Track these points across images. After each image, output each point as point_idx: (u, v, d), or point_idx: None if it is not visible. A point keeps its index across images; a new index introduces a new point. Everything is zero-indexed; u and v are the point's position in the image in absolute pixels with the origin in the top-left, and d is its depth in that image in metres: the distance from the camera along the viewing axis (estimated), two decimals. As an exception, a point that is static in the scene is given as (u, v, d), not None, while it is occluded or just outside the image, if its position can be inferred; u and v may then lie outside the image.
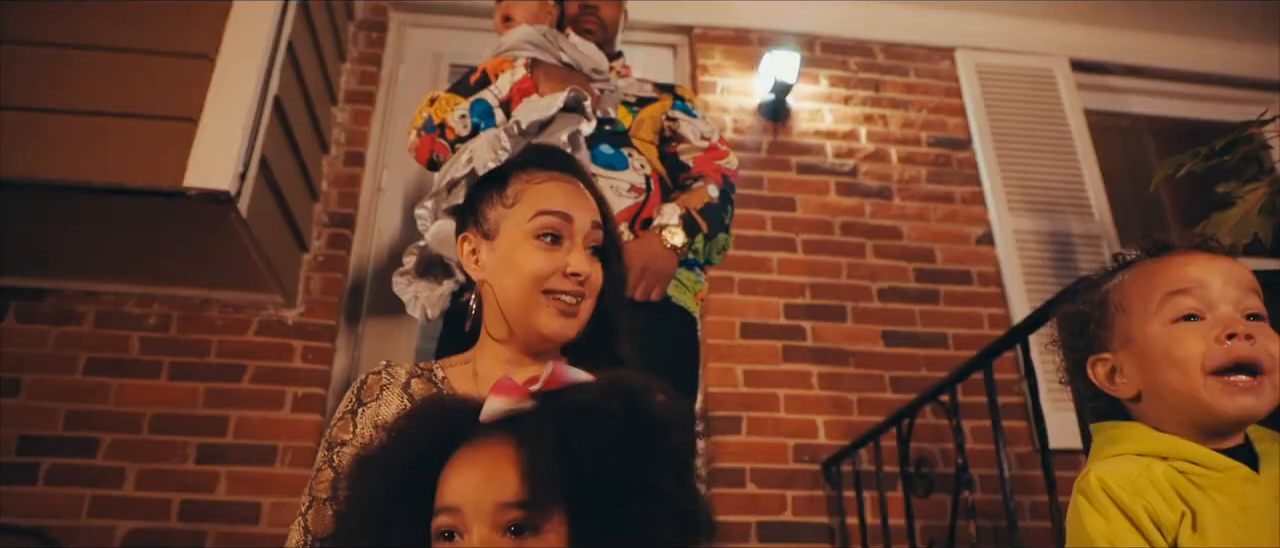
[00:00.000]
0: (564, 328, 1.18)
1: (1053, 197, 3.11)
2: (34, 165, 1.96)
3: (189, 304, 2.55)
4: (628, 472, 0.76)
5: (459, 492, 0.78)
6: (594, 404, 0.78)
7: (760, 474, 2.54)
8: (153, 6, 2.14)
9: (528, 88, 1.85)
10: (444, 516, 0.79)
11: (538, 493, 0.75)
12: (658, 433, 0.78)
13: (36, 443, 2.35)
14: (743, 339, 2.73)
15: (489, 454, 0.79)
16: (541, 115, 1.77)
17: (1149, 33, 3.52)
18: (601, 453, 0.75)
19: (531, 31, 1.98)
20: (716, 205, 1.84)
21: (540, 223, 1.19)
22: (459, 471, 0.80)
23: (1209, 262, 0.99)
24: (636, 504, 0.75)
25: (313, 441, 2.43)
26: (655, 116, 1.96)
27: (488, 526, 0.76)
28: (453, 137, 1.84)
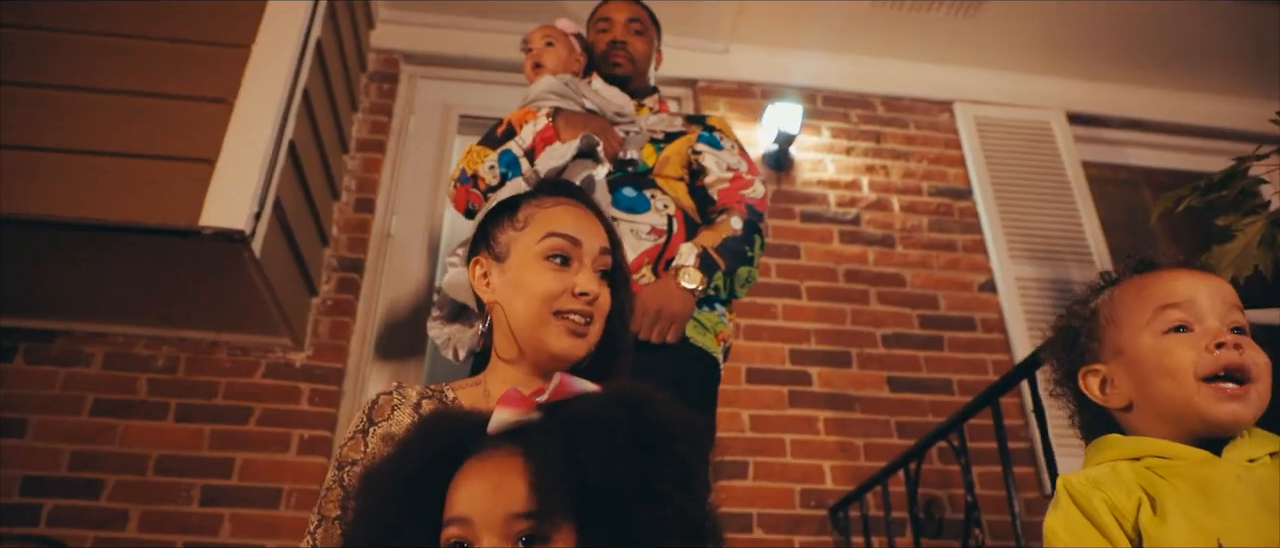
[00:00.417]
0: (573, 347, 1.19)
1: (1053, 245, 3.14)
2: (53, 204, 2.00)
3: (197, 346, 2.56)
4: (634, 480, 0.76)
5: (468, 503, 0.79)
6: (599, 414, 0.79)
7: (767, 520, 2.52)
8: (174, 50, 2.21)
9: (550, 136, 1.89)
10: (454, 527, 0.79)
11: (546, 503, 0.76)
12: (663, 441, 0.79)
13: (40, 484, 2.34)
14: (749, 384, 2.74)
15: (497, 466, 0.80)
16: (556, 163, 1.81)
17: (1143, 87, 3.61)
18: (608, 462, 0.76)
19: (554, 82, 2.03)
20: (739, 237, 1.82)
21: (549, 245, 1.21)
22: (468, 482, 0.81)
23: (1195, 278, 1.04)
24: (643, 512, 0.76)
25: (318, 484, 2.42)
26: (681, 152, 1.96)
27: (498, 536, 0.77)
28: (484, 186, 1.88)
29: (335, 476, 1.19)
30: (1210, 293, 1.02)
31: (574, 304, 1.19)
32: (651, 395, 0.82)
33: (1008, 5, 3.27)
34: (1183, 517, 0.91)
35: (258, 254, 2.10)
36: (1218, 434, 0.98)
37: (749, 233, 1.85)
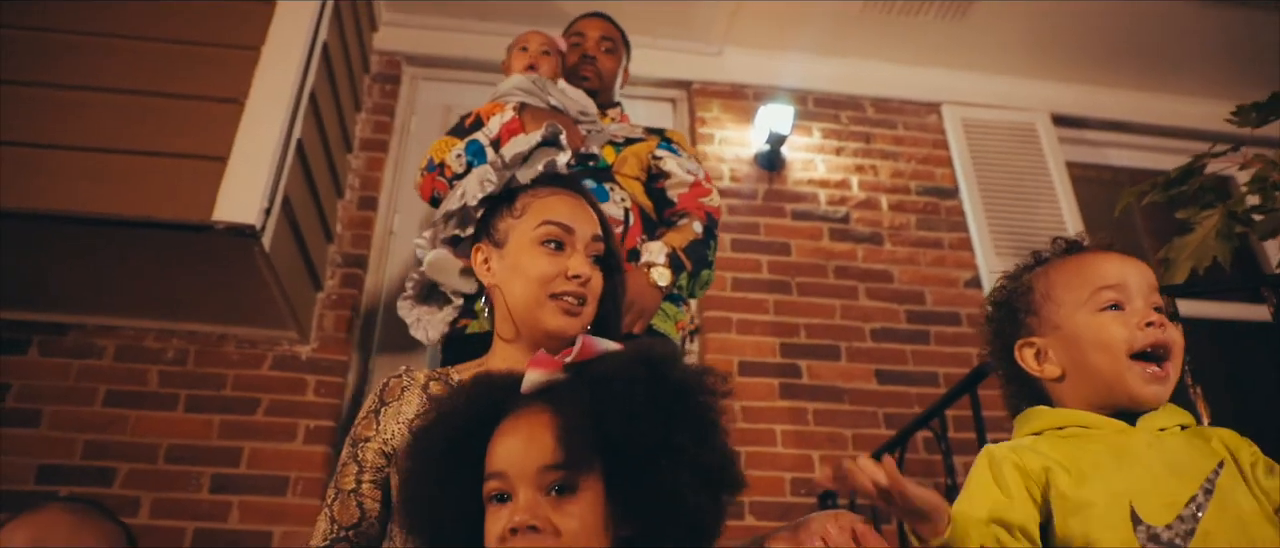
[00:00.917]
0: (567, 325, 1.28)
1: (1037, 242, 3.17)
2: (70, 199, 2.07)
3: (206, 339, 2.64)
4: (652, 433, 0.85)
5: (505, 458, 0.88)
6: (620, 372, 0.88)
7: (759, 507, 2.61)
8: (187, 52, 2.29)
9: (516, 128, 2.00)
10: (494, 480, 0.88)
11: (572, 455, 0.84)
12: (679, 396, 0.88)
13: (55, 472, 2.42)
14: (741, 377, 2.82)
15: (529, 422, 0.89)
16: (522, 149, 1.91)
17: (1126, 90, 3.70)
18: (628, 416, 0.85)
19: (522, 79, 2.14)
20: (700, 242, 1.96)
21: (544, 231, 1.30)
22: (504, 439, 0.89)
23: (1125, 261, 1.13)
24: (661, 462, 0.84)
25: (324, 472, 2.50)
26: (640, 154, 2.09)
27: (532, 488, 0.85)
28: (450, 174, 1.98)
29: (350, 452, 1.28)
30: (1138, 276, 1.11)
31: (568, 286, 1.28)
32: (670, 354, 0.91)
33: (994, 9, 3.36)
34: (1099, 478, 1.00)
35: (267, 249, 2.18)
36: (1139, 409, 1.08)
37: (708, 238, 1.99)
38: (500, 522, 0.85)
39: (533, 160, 1.88)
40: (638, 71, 3.44)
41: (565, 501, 0.84)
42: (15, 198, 2.06)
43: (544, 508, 0.83)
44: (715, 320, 2.91)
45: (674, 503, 0.83)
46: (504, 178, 1.87)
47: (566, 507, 0.84)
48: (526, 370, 0.92)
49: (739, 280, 3.00)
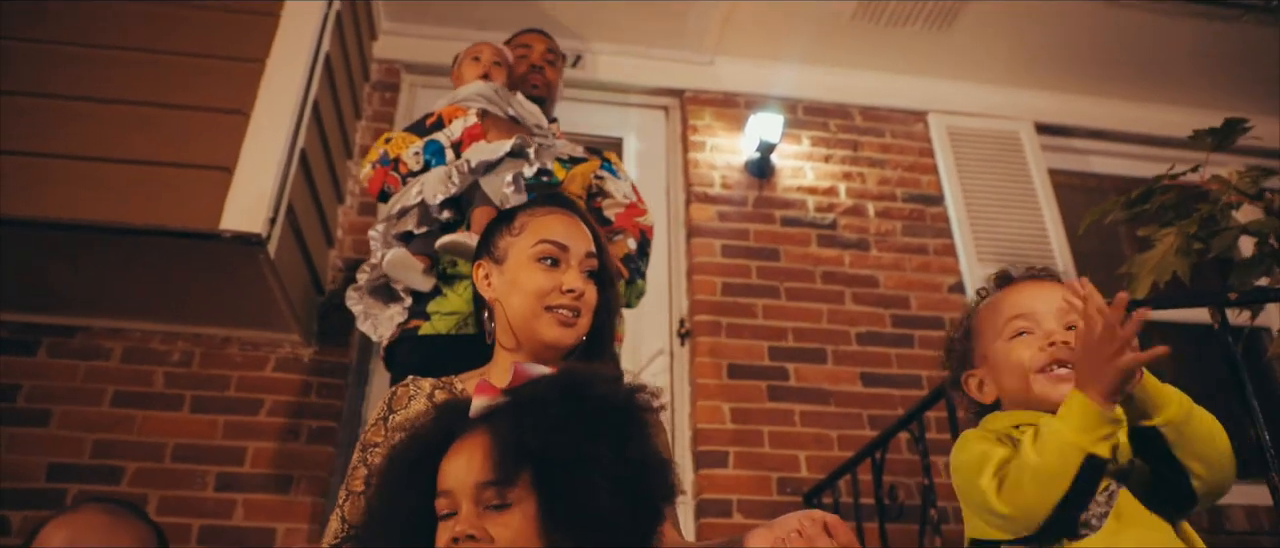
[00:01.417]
0: (563, 336, 1.36)
1: (1019, 248, 3.32)
2: (82, 208, 2.15)
3: (211, 342, 2.72)
4: (568, 447, 0.92)
5: (450, 477, 0.97)
6: (537, 394, 0.96)
7: (746, 505, 2.70)
8: (195, 64, 2.37)
9: (478, 133, 2.09)
10: (442, 499, 0.97)
11: (501, 472, 0.93)
12: (597, 412, 0.96)
13: (65, 470, 2.49)
14: (730, 380, 2.91)
15: (470, 444, 0.97)
16: (490, 157, 1.99)
17: (1108, 99, 3.80)
18: (544, 434, 0.93)
19: (484, 87, 2.24)
20: (634, 256, 2.10)
21: (541, 249, 1.39)
22: (451, 460, 0.98)
23: (1036, 289, 1.26)
24: (576, 475, 0.91)
25: (326, 471, 2.58)
26: (584, 174, 2.20)
27: (471, 504, 0.94)
28: (405, 171, 2.07)
29: (359, 457, 1.36)
30: (1045, 302, 1.23)
31: (563, 299, 1.36)
32: (592, 375, 0.99)
33: (980, 21, 3.45)
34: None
35: (272, 256, 2.26)
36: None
37: (641, 253, 2.13)
38: (446, 535, 0.93)
39: (500, 170, 1.97)
40: (632, 79, 3.54)
41: (500, 513, 0.92)
42: (27, 205, 2.14)
43: (481, 521, 0.92)
44: (706, 324, 3.00)
45: (594, 511, 0.90)
46: (467, 181, 1.96)
47: (501, 519, 0.92)
48: (473, 398, 1.00)
49: (729, 285, 3.09)
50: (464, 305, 1.92)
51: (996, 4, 3.37)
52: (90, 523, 1.28)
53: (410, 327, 1.98)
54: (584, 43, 3.50)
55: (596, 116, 3.49)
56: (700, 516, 2.68)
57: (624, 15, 3.42)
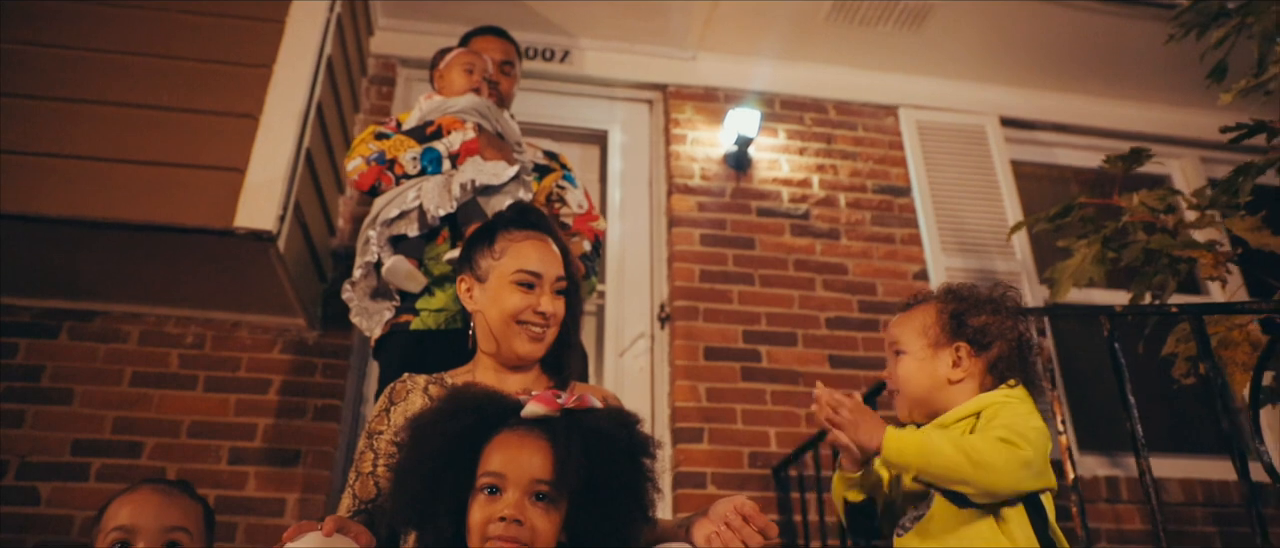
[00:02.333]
0: (534, 350, 1.59)
1: (981, 238, 3.53)
2: (104, 206, 2.33)
3: (222, 326, 2.91)
4: (622, 478, 1.18)
5: (504, 463, 1.17)
6: (609, 430, 1.18)
7: (719, 478, 2.92)
8: (209, 70, 2.54)
9: (474, 148, 2.27)
10: (489, 477, 1.18)
11: (562, 479, 1.16)
12: (641, 454, 1.19)
13: (88, 446, 2.69)
14: (706, 361, 3.12)
15: (530, 443, 1.18)
16: (494, 180, 2.18)
17: (1070, 94, 3.99)
18: (607, 463, 1.17)
19: (479, 102, 2.39)
20: (589, 256, 2.34)
21: (518, 276, 1.59)
22: (504, 448, 1.19)
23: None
24: (620, 498, 1.18)
25: (331, 445, 2.79)
26: (547, 186, 2.45)
27: (521, 492, 1.15)
28: (401, 172, 2.25)
29: (366, 443, 1.56)
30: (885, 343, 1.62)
31: (534, 318, 1.57)
32: (637, 420, 1.23)
33: (949, 20, 3.63)
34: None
35: (282, 250, 2.45)
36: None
37: (594, 254, 2.38)
38: (488, 510, 1.14)
39: (502, 194, 2.17)
40: (618, 74, 3.71)
41: (544, 507, 1.14)
42: (55, 204, 2.32)
43: (528, 510, 1.13)
44: (684, 309, 3.20)
45: (612, 527, 1.17)
46: (468, 198, 2.15)
47: (542, 512, 1.14)
48: (530, 403, 1.21)
49: (707, 273, 3.29)
50: (451, 303, 2.12)
51: (965, 4, 3.54)
52: (147, 500, 1.48)
53: (401, 321, 2.17)
54: (571, 38, 3.67)
55: (583, 110, 3.66)
56: (676, 487, 2.90)
57: (610, 12, 3.58)
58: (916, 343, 1.53)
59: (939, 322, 1.53)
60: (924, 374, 1.50)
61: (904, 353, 1.53)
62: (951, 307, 1.54)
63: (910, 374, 1.52)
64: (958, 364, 1.50)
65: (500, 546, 1.12)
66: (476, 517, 1.15)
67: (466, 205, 2.18)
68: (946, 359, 1.51)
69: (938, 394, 1.50)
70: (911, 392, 1.51)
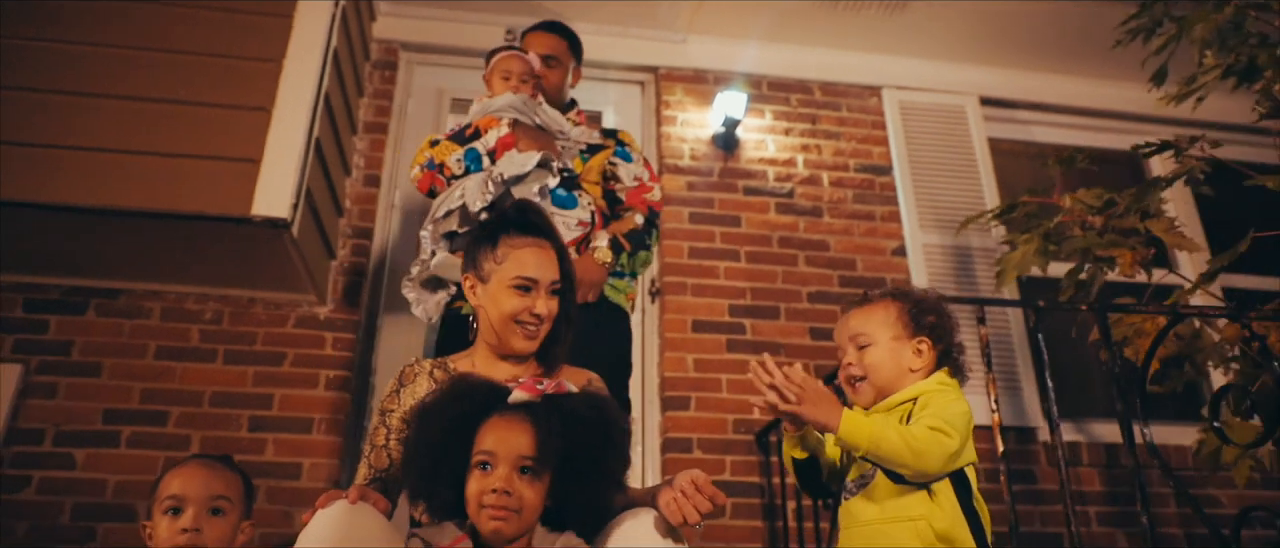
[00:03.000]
0: (528, 346, 1.77)
1: (958, 215, 3.68)
2: (128, 197, 2.51)
3: (238, 302, 3.10)
4: (595, 454, 1.39)
5: (495, 443, 1.37)
6: (582, 412, 1.38)
7: (705, 443, 3.13)
8: (223, 64, 2.69)
9: (509, 142, 2.44)
10: (483, 455, 1.37)
11: (544, 455, 1.35)
12: (610, 432, 1.39)
13: (118, 415, 2.90)
14: (693, 333, 3.32)
15: (516, 425, 1.38)
16: (519, 170, 2.35)
17: (1048, 74, 4.13)
18: (583, 441, 1.37)
19: (515, 99, 2.55)
20: (640, 231, 2.50)
21: (516, 281, 1.76)
22: (496, 429, 1.39)
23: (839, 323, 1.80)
24: (595, 469, 1.39)
25: (342, 413, 3.00)
26: (600, 163, 2.58)
27: (509, 467, 1.35)
28: (449, 174, 2.44)
29: (380, 419, 1.75)
30: (841, 330, 1.79)
31: (530, 319, 1.75)
32: (610, 401, 1.42)
33: (931, 2, 3.76)
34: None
35: (295, 235, 2.63)
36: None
37: (648, 227, 2.53)
38: (483, 483, 1.34)
39: (528, 181, 2.34)
40: (611, 57, 3.85)
41: (530, 479, 1.34)
42: (83, 196, 2.49)
43: (515, 482, 1.33)
44: (674, 284, 3.39)
45: (591, 487, 1.39)
46: (500, 190, 2.33)
47: (528, 482, 1.34)
48: (515, 390, 1.40)
49: (695, 249, 3.47)
50: None
51: (946, -13, 3.68)
52: (195, 472, 1.68)
53: (455, 306, 2.37)
54: (567, 22, 3.79)
55: (577, 92, 3.79)
56: (665, 452, 3.12)
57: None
58: (883, 335, 1.68)
59: (902, 317, 1.69)
60: (891, 364, 1.67)
61: (871, 344, 1.69)
62: (911, 305, 1.70)
63: (880, 363, 1.68)
64: (919, 355, 1.68)
65: (493, 513, 1.32)
66: (473, 489, 1.35)
67: (502, 196, 2.35)
68: (909, 351, 1.68)
69: (900, 382, 1.68)
70: (878, 379, 1.68)
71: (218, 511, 1.67)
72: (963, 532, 1.53)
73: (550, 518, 1.42)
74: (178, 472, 1.69)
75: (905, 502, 1.55)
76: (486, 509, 1.34)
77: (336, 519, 1.33)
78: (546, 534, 1.40)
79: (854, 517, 1.63)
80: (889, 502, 1.57)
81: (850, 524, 1.64)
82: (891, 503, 1.57)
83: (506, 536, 1.35)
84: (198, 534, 1.62)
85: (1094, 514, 3.26)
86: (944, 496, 1.55)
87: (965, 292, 3.48)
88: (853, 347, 1.71)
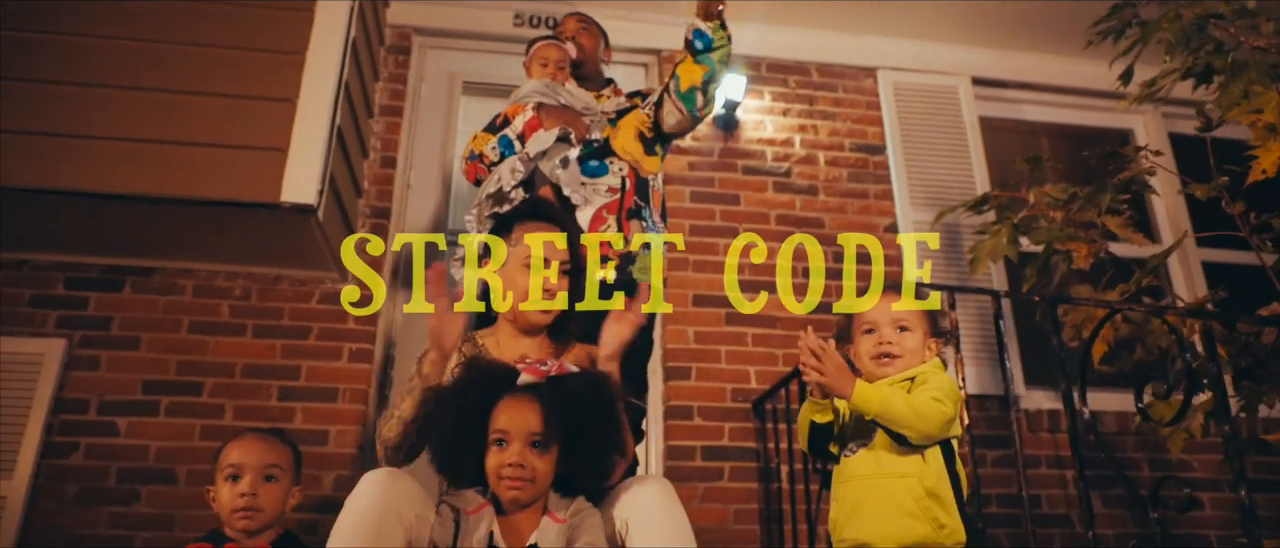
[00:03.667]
0: (542, 320, 1.93)
1: (948, 193, 3.86)
2: (168, 184, 2.69)
3: (265, 279, 3.29)
4: (592, 426, 1.58)
5: (508, 422, 1.57)
6: (581, 390, 1.57)
7: (705, 410, 3.34)
8: (249, 57, 2.85)
9: (536, 125, 2.60)
10: (498, 433, 1.57)
11: (550, 431, 1.55)
12: (606, 406, 1.58)
13: (156, 386, 3.11)
14: (694, 307, 3.51)
15: (525, 405, 1.57)
16: (542, 146, 2.52)
17: (1038, 54, 4.26)
18: (583, 416, 1.56)
19: (538, 84, 2.70)
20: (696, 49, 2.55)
21: (529, 260, 1.91)
22: (508, 410, 1.58)
23: (878, 301, 1.90)
24: (596, 440, 1.59)
25: (365, 384, 3.20)
26: (631, 122, 2.64)
27: (522, 443, 1.55)
28: (488, 162, 2.60)
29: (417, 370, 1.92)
30: (882, 311, 1.90)
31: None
32: (604, 378, 1.61)
33: (925, -15, 3.89)
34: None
35: (321, 219, 2.81)
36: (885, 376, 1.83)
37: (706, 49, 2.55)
38: (499, 458, 1.54)
39: (551, 154, 2.50)
40: (616, 41, 3.97)
41: (540, 452, 1.54)
42: (120, 183, 2.67)
43: (528, 455, 1.53)
44: (676, 260, 3.57)
45: (594, 457, 1.59)
46: (530, 167, 2.50)
47: (539, 455, 1.54)
48: (523, 373, 1.59)
49: (696, 227, 3.65)
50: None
51: (940, -29, 3.80)
52: (251, 444, 1.89)
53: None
54: (572, 7, 3.93)
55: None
56: (667, 418, 3.32)
57: (608, -18, 3.85)
58: (920, 328, 1.94)
59: (929, 320, 1.96)
60: (917, 352, 1.92)
61: (910, 331, 1.92)
62: (935, 312, 1.99)
63: (914, 349, 1.92)
64: (930, 351, 1.95)
65: (510, 484, 1.53)
66: (491, 463, 1.55)
67: (537, 177, 2.51)
68: (926, 345, 1.94)
69: (912, 366, 1.93)
70: (908, 362, 1.91)
71: (271, 477, 1.88)
72: (946, 489, 1.78)
73: (562, 485, 1.61)
74: (236, 443, 1.90)
75: (900, 461, 1.79)
76: (505, 480, 1.54)
77: (380, 484, 1.53)
78: (559, 500, 1.60)
79: (853, 471, 1.87)
80: (886, 459, 1.81)
81: (848, 478, 1.87)
82: (888, 460, 1.81)
83: (523, 502, 1.55)
84: (254, 498, 1.83)
85: (1070, 477, 3.47)
86: (933, 458, 1.79)
87: (953, 267, 3.65)
88: (893, 328, 1.90)
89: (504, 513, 1.57)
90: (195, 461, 3.03)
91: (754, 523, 3.23)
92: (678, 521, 1.59)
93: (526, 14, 3.92)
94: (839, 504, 1.88)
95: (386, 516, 1.48)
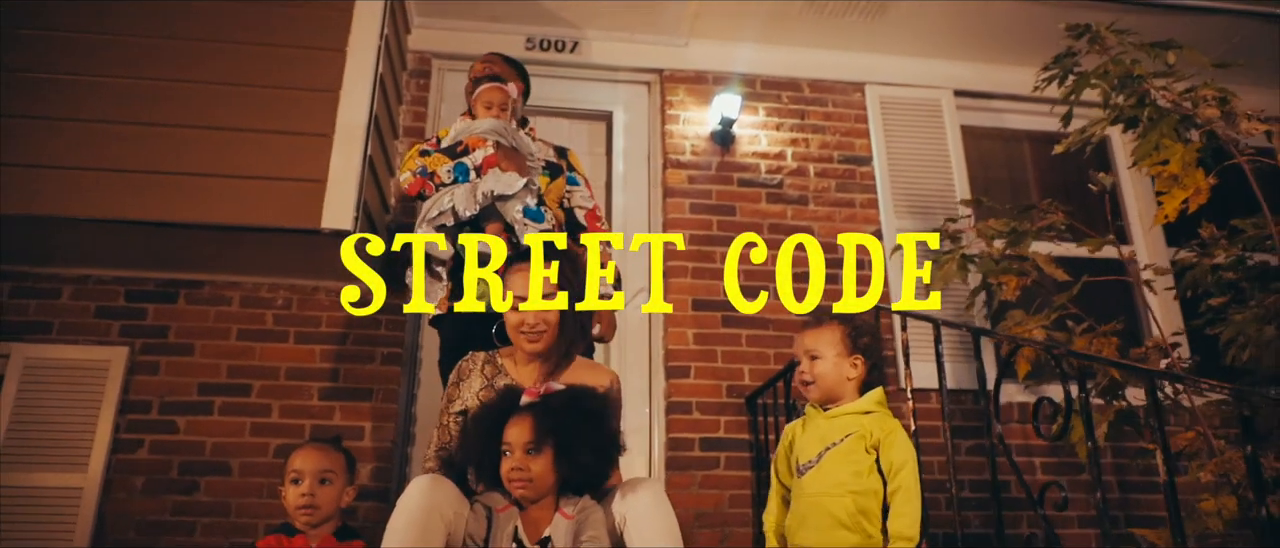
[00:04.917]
0: (535, 347, 2.23)
1: (929, 202, 4.16)
2: (221, 213, 3.03)
3: (304, 290, 3.64)
4: (579, 433, 1.92)
5: (511, 436, 1.92)
6: (563, 405, 1.91)
7: (702, 405, 3.68)
8: (289, 95, 3.18)
9: (493, 161, 2.87)
10: (505, 445, 1.92)
11: (539, 438, 1.89)
12: (592, 417, 1.92)
13: (210, 388, 3.47)
14: (693, 311, 3.83)
15: (522, 421, 1.92)
16: (507, 190, 2.82)
17: (1018, 67, 4.50)
18: (567, 425, 1.89)
19: (497, 124, 2.96)
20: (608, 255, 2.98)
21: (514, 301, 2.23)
22: (512, 426, 1.93)
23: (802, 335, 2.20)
24: (582, 446, 1.91)
25: (396, 384, 3.56)
26: (556, 190, 3.00)
27: (521, 450, 1.89)
28: (438, 182, 2.85)
29: (445, 404, 2.28)
30: (797, 345, 2.23)
31: (527, 328, 2.21)
32: (589, 392, 1.95)
33: (909, 6, 4.15)
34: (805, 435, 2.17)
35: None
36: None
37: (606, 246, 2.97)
38: (506, 465, 1.90)
39: (514, 201, 2.81)
40: (621, 61, 4.29)
41: (534, 457, 1.88)
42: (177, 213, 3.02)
43: (525, 460, 1.88)
44: (676, 268, 3.89)
45: (581, 460, 1.91)
46: (488, 203, 2.80)
47: (536, 461, 1.88)
48: (524, 396, 1.94)
49: (694, 236, 3.96)
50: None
51: (922, -8, 4.07)
52: (310, 453, 2.24)
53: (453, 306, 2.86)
54: (579, 30, 4.24)
55: (590, 93, 4.27)
56: (669, 413, 3.66)
57: (612, 7, 4.14)
58: (830, 352, 2.18)
59: (845, 338, 2.19)
60: (834, 374, 2.17)
61: (820, 358, 2.18)
62: (851, 328, 2.20)
63: (825, 373, 2.18)
64: (855, 368, 2.18)
65: (515, 485, 1.89)
66: (502, 470, 1.91)
67: (486, 208, 2.82)
68: (847, 364, 2.18)
69: (839, 388, 2.19)
70: (824, 385, 2.18)
71: (326, 480, 2.23)
72: (875, 506, 2.06)
73: (572, 488, 1.96)
74: (299, 452, 2.25)
75: (839, 482, 2.08)
76: (512, 483, 1.90)
77: (425, 488, 1.87)
78: (569, 499, 1.94)
79: (804, 489, 2.14)
80: (829, 480, 2.09)
81: (800, 495, 2.15)
82: (830, 481, 2.09)
83: (530, 498, 1.91)
84: (312, 498, 2.19)
85: (1038, 464, 3.79)
86: (869, 479, 2.08)
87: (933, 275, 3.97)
88: (806, 358, 2.18)
89: (523, 510, 1.92)
90: (247, 454, 3.40)
91: (747, 507, 3.58)
92: (667, 518, 1.93)
93: (537, 37, 4.22)
94: (792, 515, 2.17)
95: (431, 514, 1.83)
